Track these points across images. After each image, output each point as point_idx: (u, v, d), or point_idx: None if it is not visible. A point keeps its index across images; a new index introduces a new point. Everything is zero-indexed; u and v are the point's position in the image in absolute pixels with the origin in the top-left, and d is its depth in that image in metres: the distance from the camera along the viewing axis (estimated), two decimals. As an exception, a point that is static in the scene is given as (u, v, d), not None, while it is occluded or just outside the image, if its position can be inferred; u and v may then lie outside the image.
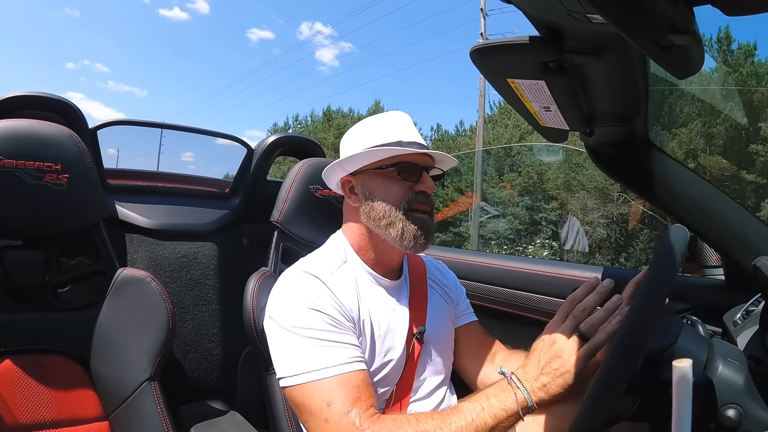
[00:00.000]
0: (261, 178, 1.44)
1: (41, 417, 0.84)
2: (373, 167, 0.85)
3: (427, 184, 0.84)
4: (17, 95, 1.03)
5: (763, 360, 0.65)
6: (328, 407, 0.69)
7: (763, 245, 0.85)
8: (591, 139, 0.90)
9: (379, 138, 0.86)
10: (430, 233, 0.84)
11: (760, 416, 0.57)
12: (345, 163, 0.86)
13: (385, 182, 0.84)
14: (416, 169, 0.84)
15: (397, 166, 0.83)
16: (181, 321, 1.24)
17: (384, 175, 0.84)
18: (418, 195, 0.84)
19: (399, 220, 0.82)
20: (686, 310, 1.00)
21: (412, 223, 0.82)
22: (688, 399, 0.36)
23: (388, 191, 0.84)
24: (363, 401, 0.70)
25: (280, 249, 1.16)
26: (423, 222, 0.84)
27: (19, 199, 0.85)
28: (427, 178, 0.85)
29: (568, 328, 0.70)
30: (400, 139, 0.85)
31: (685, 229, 0.66)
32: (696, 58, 0.48)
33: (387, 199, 0.83)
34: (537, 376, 0.69)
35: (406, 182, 0.84)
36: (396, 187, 0.84)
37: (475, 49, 0.64)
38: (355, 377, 0.72)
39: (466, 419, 0.67)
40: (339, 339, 0.74)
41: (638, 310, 0.60)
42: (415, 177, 0.84)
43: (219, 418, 1.07)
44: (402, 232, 0.82)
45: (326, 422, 0.69)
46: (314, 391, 0.71)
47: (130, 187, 1.36)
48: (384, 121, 0.89)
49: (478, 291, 1.37)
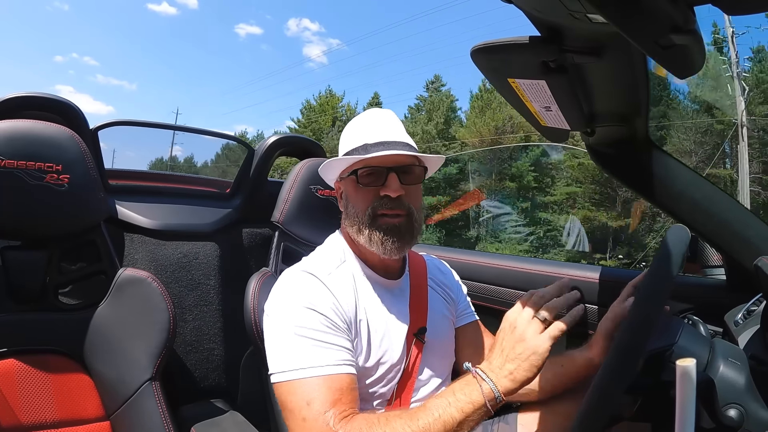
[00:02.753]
0: (262, 178, 1.44)
1: (42, 417, 0.85)
2: (345, 174, 0.86)
3: (392, 187, 0.80)
4: (18, 96, 1.03)
5: (764, 360, 0.65)
6: (307, 406, 0.69)
7: (764, 245, 0.85)
8: (592, 138, 0.90)
9: (350, 143, 0.86)
10: (400, 236, 0.82)
11: (761, 416, 0.57)
12: (322, 172, 0.90)
13: (354, 189, 0.84)
14: (380, 173, 0.82)
15: (356, 173, 0.83)
16: (182, 321, 1.24)
17: (352, 182, 0.84)
18: (383, 200, 0.82)
19: (365, 226, 0.82)
20: (687, 309, 1.00)
21: (376, 229, 0.81)
22: (692, 398, 0.36)
23: (356, 198, 0.84)
24: (343, 404, 0.70)
25: (281, 249, 1.16)
26: (390, 227, 0.81)
27: (20, 199, 0.85)
28: (393, 181, 0.81)
29: (527, 312, 0.69)
30: (365, 142, 0.84)
31: (686, 228, 0.66)
32: (696, 57, 0.48)
33: (356, 206, 0.84)
34: (502, 364, 0.68)
35: (371, 188, 0.82)
36: (361, 193, 0.83)
37: (476, 49, 0.64)
38: (339, 380, 0.72)
39: (433, 415, 0.66)
40: (330, 340, 0.74)
41: (639, 308, 0.60)
42: (380, 181, 0.82)
43: (220, 418, 1.07)
44: (369, 238, 0.82)
45: (303, 421, 0.69)
46: (297, 389, 0.71)
47: (131, 188, 1.36)
48: (357, 123, 0.89)
49: (478, 291, 1.37)
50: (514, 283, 1.31)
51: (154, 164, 15.85)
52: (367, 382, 0.81)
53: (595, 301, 1.16)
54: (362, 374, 0.80)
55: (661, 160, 0.90)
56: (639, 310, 0.61)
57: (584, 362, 0.85)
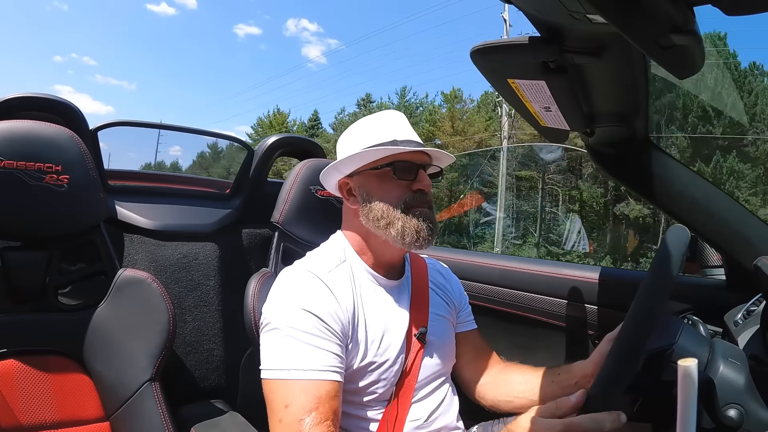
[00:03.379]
0: (261, 178, 1.44)
1: (42, 418, 0.84)
2: (369, 168, 0.85)
3: (424, 182, 0.84)
4: (18, 96, 1.03)
5: (764, 360, 0.65)
6: (285, 408, 0.70)
7: (763, 245, 0.85)
8: (591, 139, 0.90)
9: (373, 138, 0.85)
10: (432, 229, 0.83)
11: (761, 416, 0.57)
12: (341, 165, 0.86)
13: (382, 182, 0.84)
14: (413, 168, 0.84)
15: (393, 165, 0.83)
16: (181, 322, 1.24)
17: (380, 176, 0.84)
18: (416, 194, 0.84)
19: (398, 219, 0.82)
20: (687, 309, 1.00)
21: (412, 217, 0.82)
22: (693, 398, 0.36)
23: (386, 191, 0.83)
24: (320, 413, 0.70)
25: (280, 250, 1.16)
26: (424, 216, 0.83)
27: (20, 200, 0.85)
28: (424, 176, 0.84)
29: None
30: (394, 138, 0.84)
31: (686, 228, 0.66)
32: (696, 57, 0.48)
33: (385, 200, 0.83)
34: None
35: (403, 181, 0.83)
36: (393, 186, 0.83)
37: (475, 50, 0.64)
38: (320, 386, 0.71)
39: None
40: (320, 344, 0.74)
41: (640, 305, 0.61)
42: (412, 176, 0.84)
43: (220, 418, 1.07)
44: (402, 230, 0.81)
45: (279, 422, 0.70)
46: (279, 388, 0.72)
47: (131, 188, 1.36)
48: (378, 120, 0.88)
49: (478, 291, 1.37)
50: (513, 283, 1.31)
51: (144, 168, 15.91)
52: (366, 382, 0.81)
53: (595, 302, 1.16)
54: (360, 373, 0.80)
55: (660, 161, 0.90)
56: (640, 307, 0.61)
57: (580, 373, 0.85)
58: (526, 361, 0.98)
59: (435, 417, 0.87)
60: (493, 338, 1.11)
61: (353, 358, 0.79)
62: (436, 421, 0.86)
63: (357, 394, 0.81)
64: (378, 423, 0.82)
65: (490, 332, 1.17)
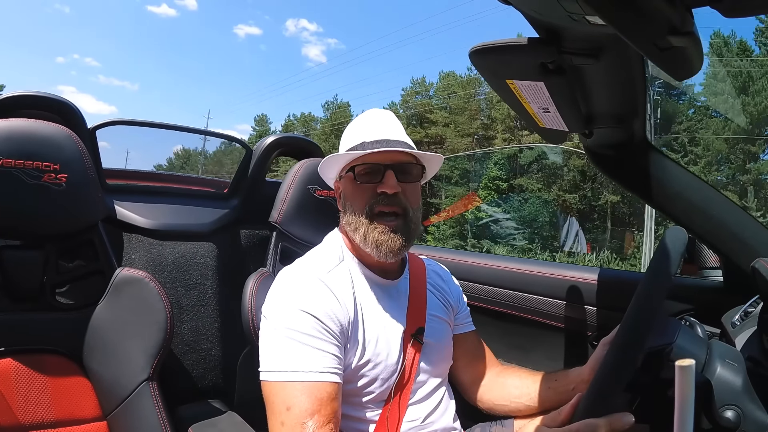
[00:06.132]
0: (260, 178, 1.43)
1: (39, 417, 0.84)
2: (344, 172, 0.86)
3: (388, 183, 0.80)
4: (16, 95, 1.03)
5: (761, 361, 0.65)
6: (287, 411, 0.70)
7: (761, 247, 0.85)
8: (590, 140, 0.90)
9: (348, 142, 0.87)
10: (395, 240, 0.80)
11: (758, 417, 0.57)
12: (322, 171, 0.90)
13: (352, 187, 0.84)
14: (377, 170, 0.81)
15: (353, 169, 0.82)
16: (179, 321, 1.24)
17: (349, 180, 0.85)
18: (380, 197, 0.81)
19: (362, 225, 0.81)
20: (685, 311, 1.01)
21: (374, 229, 0.80)
22: (691, 399, 0.36)
23: (354, 196, 0.84)
24: (322, 415, 0.70)
25: (278, 249, 1.16)
26: (387, 227, 0.80)
27: (18, 198, 0.85)
28: (390, 177, 0.80)
29: None
30: (363, 140, 0.84)
31: (684, 230, 0.66)
32: (694, 59, 0.48)
33: (353, 204, 0.83)
34: None
35: (369, 185, 0.82)
36: (359, 191, 0.83)
37: (474, 50, 0.64)
38: (321, 388, 0.71)
39: None
40: (319, 346, 0.74)
41: (639, 305, 0.61)
42: (377, 178, 0.81)
43: (217, 418, 1.07)
44: (364, 237, 0.81)
45: (282, 425, 0.70)
46: (279, 390, 0.71)
47: (129, 187, 1.36)
48: (357, 123, 0.89)
49: (476, 292, 1.36)
50: (511, 284, 1.31)
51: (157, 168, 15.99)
52: (363, 382, 0.80)
53: (593, 302, 1.16)
54: (357, 374, 0.80)
55: (658, 162, 0.90)
56: (638, 307, 0.61)
57: (577, 379, 0.85)
58: (524, 362, 0.99)
59: (432, 418, 0.86)
60: (491, 339, 1.11)
61: (351, 357, 0.79)
62: (433, 422, 0.86)
63: (355, 394, 0.81)
64: (375, 424, 0.81)
65: (488, 333, 1.17)
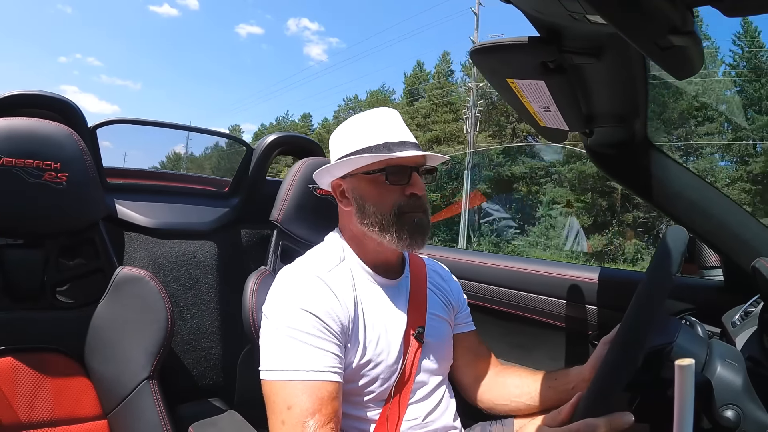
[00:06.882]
0: (260, 177, 1.43)
1: (40, 415, 0.84)
2: (361, 171, 0.84)
3: (417, 185, 0.82)
4: (16, 93, 1.03)
5: (761, 361, 0.65)
6: (288, 410, 0.70)
7: (761, 246, 0.85)
8: (590, 139, 0.90)
9: (365, 140, 0.83)
10: (424, 232, 0.83)
11: (758, 417, 0.57)
12: (333, 168, 0.85)
13: (375, 187, 0.83)
14: (405, 172, 0.81)
15: (385, 170, 0.81)
16: (180, 320, 1.24)
17: (372, 180, 0.83)
18: (410, 198, 0.82)
19: (392, 224, 0.81)
20: (685, 310, 1.01)
21: (405, 225, 0.81)
22: (691, 399, 0.36)
23: (379, 196, 0.82)
24: (323, 415, 0.70)
25: (279, 248, 1.16)
26: (417, 221, 0.82)
27: (18, 197, 0.85)
28: (417, 179, 0.82)
29: None
30: (386, 140, 0.83)
31: (684, 229, 0.66)
32: (695, 58, 0.48)
33: (378, 205, 0.82)
34: None
35: (396, 186, 0.82)
36: (386, 191, 0.82)
37: (475, 49, 0.64)
38: (322, 388, 0.71)
39: None
40: (320, 345, 0.74)
41: (639, 304, 0.61)
42: (405, 179, 0.82)
43: (218, 417, 1.07)
44: (396, 235, 0.81)
45: (282, 424, 0.70)
46: (280, 389, 0.71)
47: (130, 186, 1.36)
48: (370, 120, 0.86)
49: (476, 291, 1.37)
50: (512, 283, 1.31)
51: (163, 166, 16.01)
52: (364, 381, 0.81)
53: (594, 302, 1.16)
54: (358, 374, 0.80)
55: (659, 161, 0.90)
56: (639, 306, 0.61)
57: (577, 378, 0.85)
58: (525, 361, 0.99)
59: (432, 417, 0.87)
60: (492, 338, 1.11)
61: (352, 357, 0.79)
62: (433, 421, 0.87)
63: (355, 394, 0.81)
64: (375, 423, 0.82)
65: (489, 332, 1.17)
